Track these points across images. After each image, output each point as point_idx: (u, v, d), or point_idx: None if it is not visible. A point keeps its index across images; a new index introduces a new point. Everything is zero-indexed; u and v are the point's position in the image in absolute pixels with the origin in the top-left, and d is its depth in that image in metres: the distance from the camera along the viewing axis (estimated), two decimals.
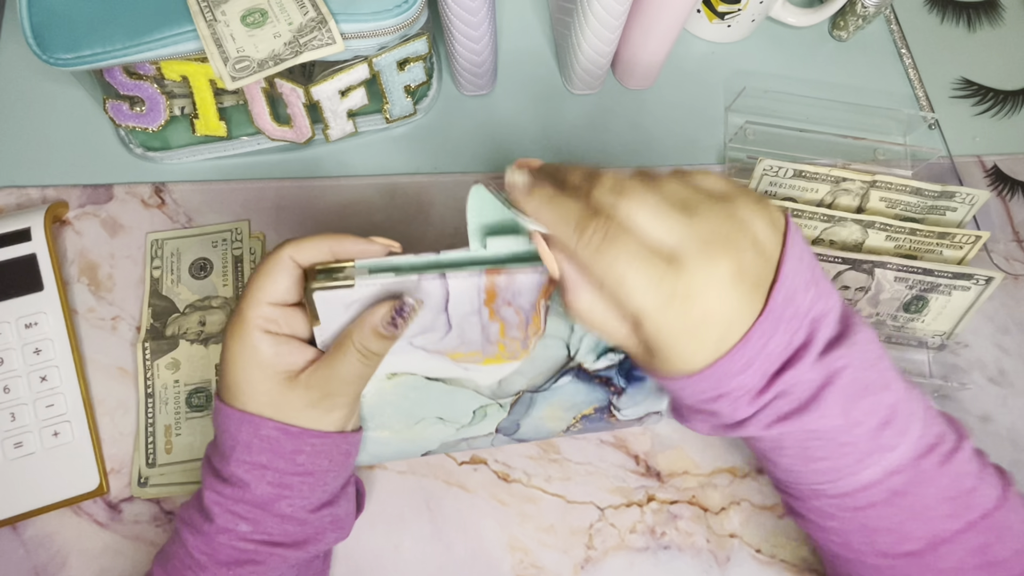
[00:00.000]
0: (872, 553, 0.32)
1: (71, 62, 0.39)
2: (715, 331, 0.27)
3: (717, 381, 0.28)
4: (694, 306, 0.26)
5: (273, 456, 0.31)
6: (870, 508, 0.31)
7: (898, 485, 0.31)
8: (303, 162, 0.49)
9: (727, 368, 0.28)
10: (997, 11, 0.60)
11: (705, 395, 0.29)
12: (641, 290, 0.26)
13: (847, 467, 0.31)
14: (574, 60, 0.49)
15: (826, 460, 0.31)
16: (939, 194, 0.46)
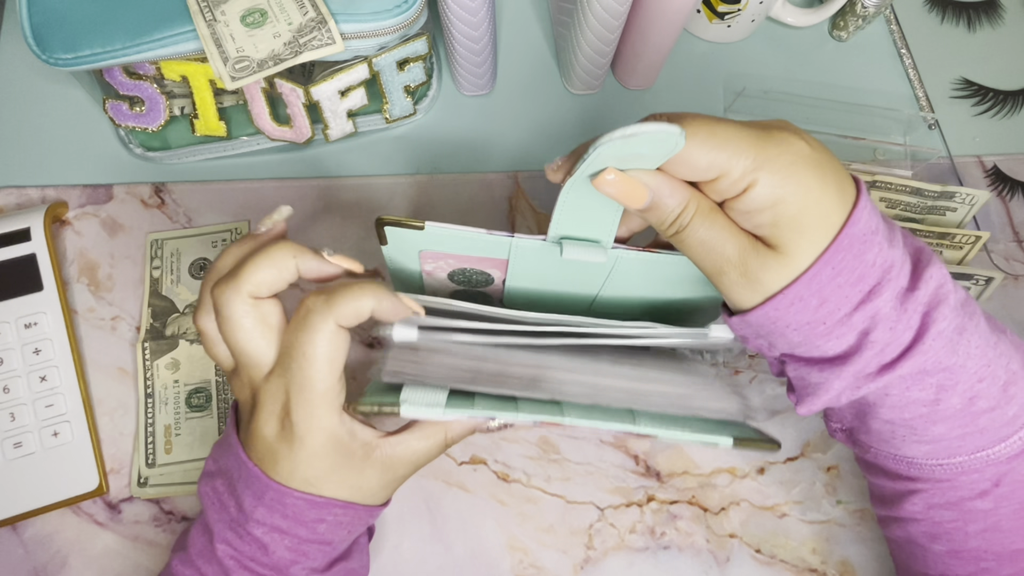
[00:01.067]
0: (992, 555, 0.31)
1: (71, 62, 0.39)
2: (836, 189, 0.27)
3: (864, 245, 0.27)
4: (807, 157, 0.27)
5: (294, 523, 0.30)
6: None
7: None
8: (303, 162, 0.49)
9: (862, 223, 0.27)
10: (997, 11, 0.60)
11: (862, 281, 0.27)
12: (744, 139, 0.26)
13: (999, 427, 0.29)
14: (574, 60, 0.49)
15: (990, 411, 0.29)
16: (939, 194, 0.46)
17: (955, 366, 0.29)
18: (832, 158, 0.28)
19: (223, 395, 0.43)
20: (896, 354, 0.28)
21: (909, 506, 0.33)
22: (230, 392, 0.43)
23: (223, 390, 0.43)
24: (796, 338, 0.29)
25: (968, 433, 0.30)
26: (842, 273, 0.27)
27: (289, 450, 0.29)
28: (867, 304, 0.27)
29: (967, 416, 0.29)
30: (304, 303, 0.29)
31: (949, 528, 0.32)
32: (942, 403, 0.29)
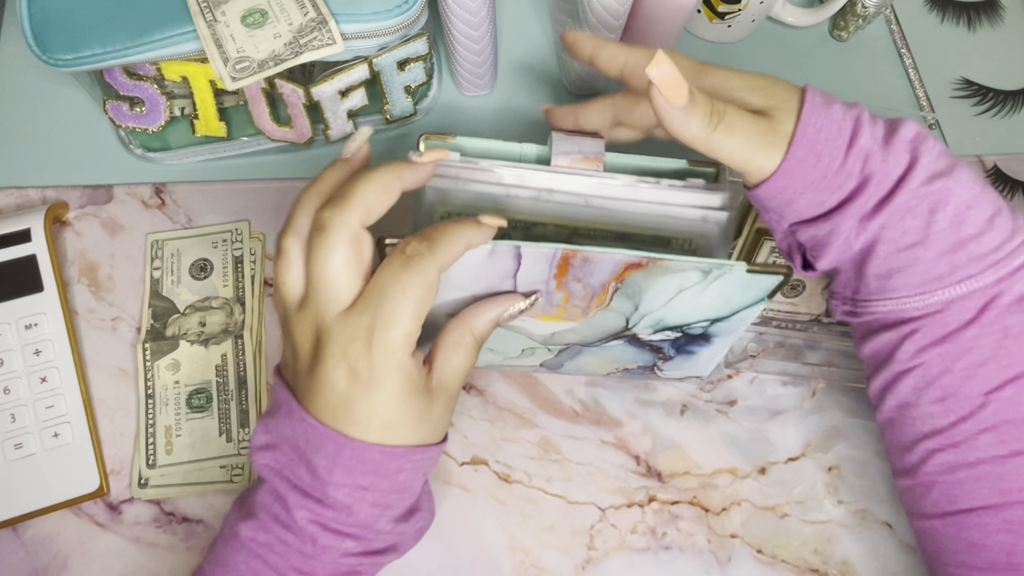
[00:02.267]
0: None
1: (71, 63, 0.39)
2: (785, 87, 0.33)
3: (816, 133, 0.31)
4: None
5: (376, 478, 0.30)
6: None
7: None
8: (303, 162, 0.49)
9: (814, 110, 0.32)
10: (997, 11, 0.60)
11: (840, 135, 0.31)
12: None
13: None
14: (574, 60, 0.49)
15: (977, 237, 0.32)
16: None
17: (945, 189, 0.31)
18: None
19: (223, 396, 0.43)
20: (891, 186, 0.32)
21: (900, 355, 0.34)
22: (231, 392, 0.43)
23: (223, 391, 0.43)
24: (803, 202, 0.33)
25: (957, 262, 0.32)
26: (821, 129, 0.31)
27: (366, 394, 0.28)
28: (853, 146, 0.31)
29: (955, 242, 0.32)
30: (405, 246, 0.29)
31: (936, 371, 0.33)
32: (932, 226, 0.31)
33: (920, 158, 0.32)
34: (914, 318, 0.34)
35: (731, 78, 0.34)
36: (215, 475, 0.42)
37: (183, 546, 0.41)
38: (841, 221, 0.33)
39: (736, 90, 0.33)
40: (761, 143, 0.31)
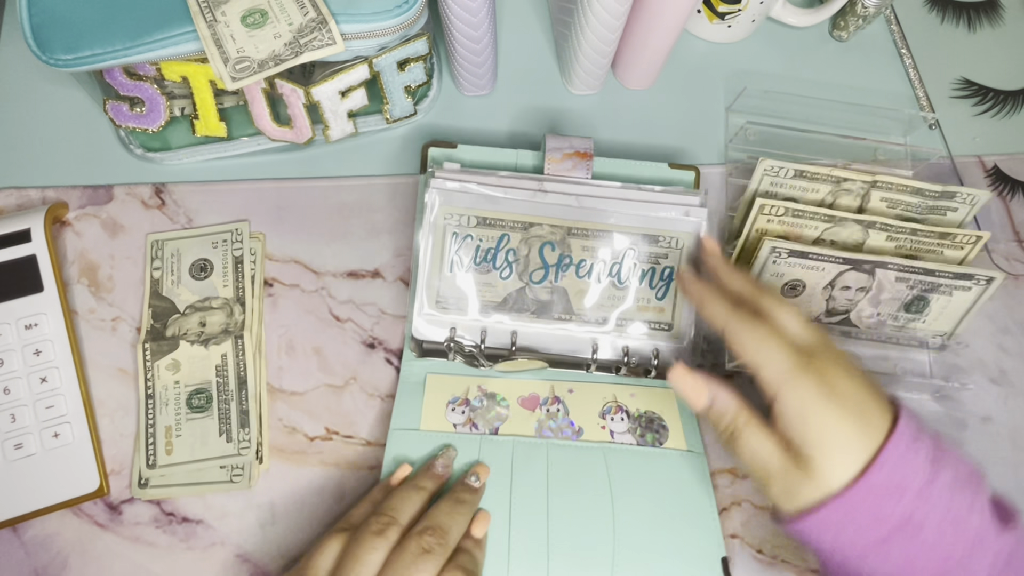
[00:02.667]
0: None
1: (71, 63, 0.39)
2: (860, 423, 0.29)
3: (883, 494, 0.29)
4: (837, 390, 0.30)
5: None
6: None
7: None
8: (303, 162, 0.49)
9: (884, 472, 0.29)
10: (997, 11, 0.60)
11: (879, 523, 0.29)
12: (777, 350, 0.31)
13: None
14: (574, 60, 0.49)
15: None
16: (940, 194, 0.46)
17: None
18: (862, 389, 0.30)
19: (223, 396, 0.43)
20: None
21: None
22: (231, 392, 0.43)
23: (223, 391, 0.43)
24: (833, 559, 0.31)
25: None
26: (862, 514, 0.29)
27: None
28: (885, 544, 0.29)
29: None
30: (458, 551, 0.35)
31: None
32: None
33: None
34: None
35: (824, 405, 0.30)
36: (215, 475, 0.42)
37: (183, 546, 0.41)
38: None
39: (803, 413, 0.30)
40: (780, 489, 0.31)
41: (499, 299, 0.42)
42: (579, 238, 0.42)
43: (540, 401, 0.43)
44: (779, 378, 0.31)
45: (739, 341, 0.33)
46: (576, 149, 0.43)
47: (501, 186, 0.41)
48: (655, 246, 0.43)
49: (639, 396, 0.43)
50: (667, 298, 0.43)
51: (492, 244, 0.42)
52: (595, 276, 0.43)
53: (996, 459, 0.46)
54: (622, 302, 0.43)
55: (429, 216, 0.42)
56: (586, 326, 0.43)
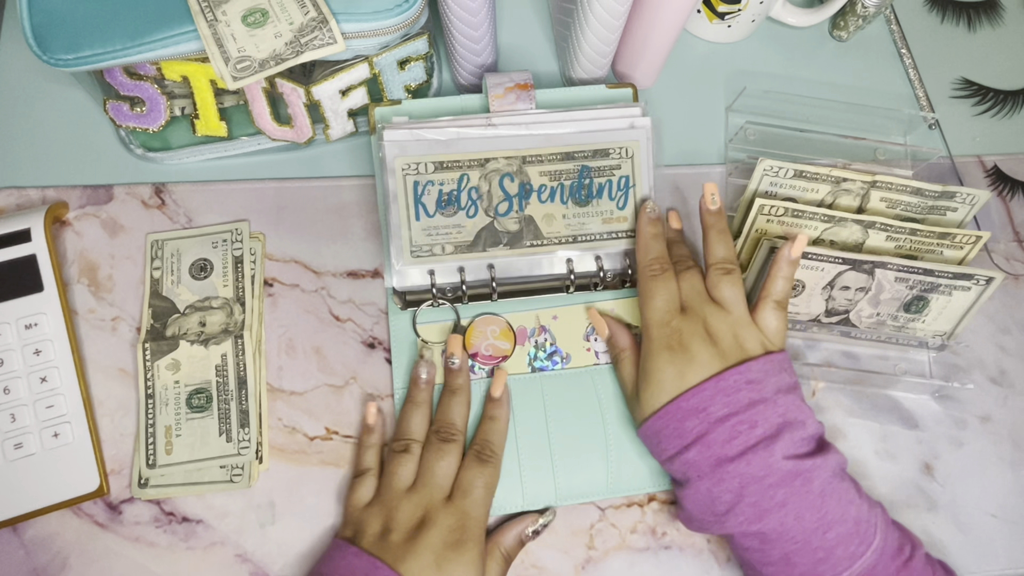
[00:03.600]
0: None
1: (71, 63, 0.39)
2: (684, 361, 0.38)
3: (683, 418, 0.37)
4: (676, 335, 0.39)
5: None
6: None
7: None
8: (303, 162, 0.49)
9: (691, 402, 0.37)
10: (997, 11, 0.60)
11: (679, 439, 0.38)
12: (656, 311, 0.40)
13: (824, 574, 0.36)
14: (574, 60, 0.49)
15: (803, 567, 0.36)
16: (939, 194, 0.46)
17: (773, 528, 0.36)
18: (703, 348, 0.39)
19: (223, 396, 0.43)
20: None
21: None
22: (231, 392, 0.43)
23: (223, 391, 0.43)
24: (657, 459, 0.41)
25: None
26: (668, 426, 0.38)
27: (457, 554, 0.37)
28: (682, 454, 0.38)
29: (786, 567, 0.37)
30: (480, 452, 0.40)
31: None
32: (765, 554, 0.37)
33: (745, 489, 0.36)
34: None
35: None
36: (215, 475, 0.42)
37: (183, 546, 0.41)
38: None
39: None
40: (633, 401, 0.42)
41: (471, 238, 0.44)
42: (535, 165, 0.44)
43: (528, 333, 0.45)
44: (646, 323, 0.41)
45: (642, 289, 0.42)
46: (516, 82, 0.45)
47: (451, 127, 0.43)
48: (607, 159, 0.45)
49: (619, 309, 0.46)
50: (628, 206, 0.45)
51: (454, 186, 0.44)
52: (557, 199, 0.44)
53: (996, 459, 0.46)
54: (587, 218, 0.45)
55: (389, 169, 0.43)
56: (557, 248, 0.44)
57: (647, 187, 0.45)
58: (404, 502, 0.38)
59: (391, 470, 0.40)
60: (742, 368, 0.37)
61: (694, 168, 0.52)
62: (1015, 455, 0.46)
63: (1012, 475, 0.46)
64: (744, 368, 0.38)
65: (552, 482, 0.42)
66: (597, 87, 0.48)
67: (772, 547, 0.36)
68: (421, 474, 0.39)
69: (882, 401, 0.47)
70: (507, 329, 0.45)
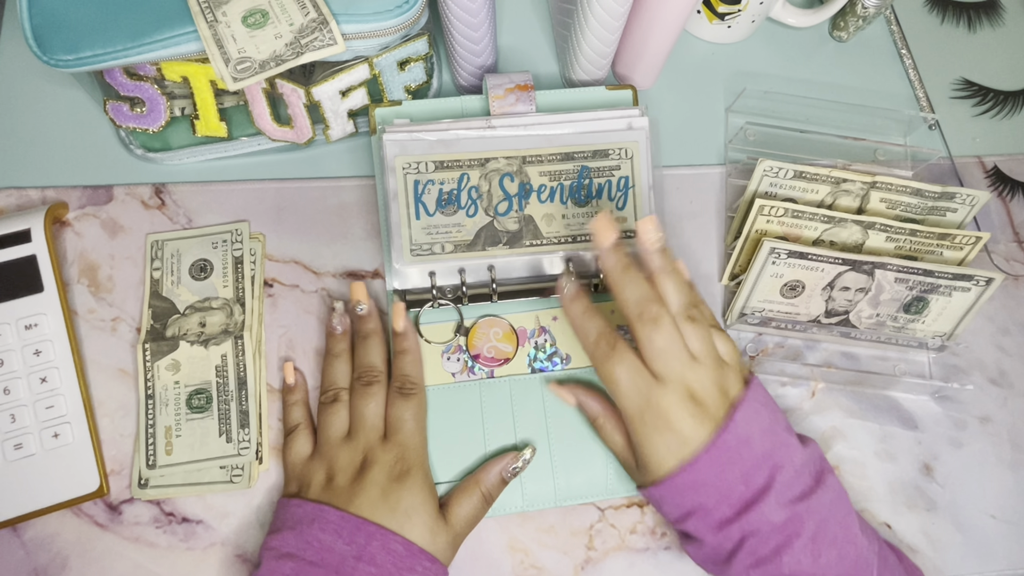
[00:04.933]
0: None
1: (72, 63, 0.39)
2: (674, 440, 0.35)
3: (680, 493, 0.36)
4: (660, 415, 0.35)
5: (394, 569, 0.36)
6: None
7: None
8: (303, 162, 0.49)
9: (686, 479, 0.35)
10: (997, 11, 0.60)
11: (679, 509, 0.37)
12: (628, 395, 0.36)
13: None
14: (574, 61, 0.49)
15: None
16: (939, 195, 0.46)
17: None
18: (685, 415, 0.36)
19: (223, 396, 0.43)
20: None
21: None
22: (231, 393, 0.43)
23: (223, 391, 0.43)
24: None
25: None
26: (665, 498, 0.37)
27: (399, 484, 0.38)
28: (682, 522, 0.37)
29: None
30: (401, 386, 0.41)
31: None
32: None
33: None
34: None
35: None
36: (215, 475, 0.42)
37: (183, 546, 0.41)
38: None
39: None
40: (626, 468, 0.41)
41: (470, 237, 0.44)
42: (534, 165, 0.44)
43: (528, 334, 0.45)
44: (625, 413, 0.37)
45: (604, 376, 0.37)
46: (516, 83, 0.45)
47: (451, 131, 0.44)
48: (607, 160, 0.45)
49: (618, 312, 0.45)
50: (627, 207, 0.45)
51: (454, 185, 0.44)
52: (557, 199, 0.45)
53: (996, 460, 0.46)
54: (586, 218, 0.45)
55: (389, 167, 0.43)
56: (557, 247, 0.44)
57: (646, 187, 0.45)
58: (343, 449, 0.39)
59: (325, 422, 0.41)
60: (731, 428, 0.35)
61: (694, 169, 0.52)
62: (1015, 456, 0.46)
63: (1012, 476, 0.46)
64: (732, 427, 0.35)
65: (552, 482, 0.42)
66: (597, 89, 0.48)
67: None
68: (353, 420, 0.40)
69: (882, 402, 0.47)
70: (510, 332, 0.45)
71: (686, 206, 0.51)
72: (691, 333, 0.36)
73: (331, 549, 0.35)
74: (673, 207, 0.50)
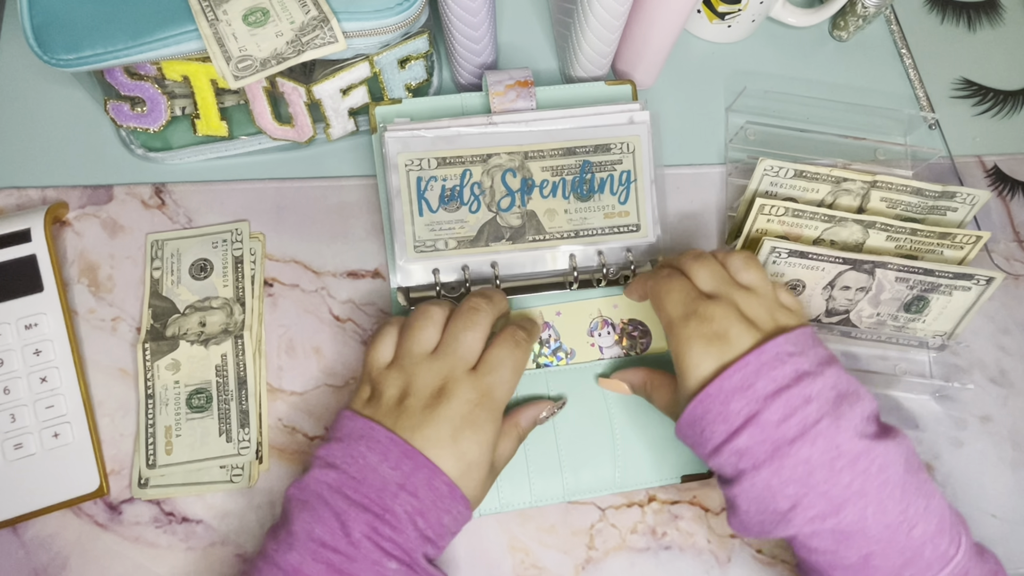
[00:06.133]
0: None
1: (72, 63, 0.39)
2: (717, 343, 0.34)
3: (727, 399, 0.33)
4: (705, 319, 0.34)
5: (433, 508, 0.34)
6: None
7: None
8: (304, 161, 0.49)
9: (732, 380, 0.33)
10: (997, 11, 0.60)
11: (727, 423, 0.33)
12: (675, 303, 0.36)
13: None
14: (574, 60, 0.49)
15: (886, 570, 0.32)
16: (940, 194, 0.46)
17: (847, 526, 0.32)
18: (735, 322, 0.34)
19: (223, 396, 0.43)
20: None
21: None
22: (231, 392, 0.43)
23: (223, 391, 0.43)
24: (702, 456, 0.35)
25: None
26: (710, 411, 0.34)
27: (473, 432, 0.35)
28: (731, 442, 0.33)
29: (864, 570, 0.32)
30: (515, 333, 0.39)
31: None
32: (840, 555, 0.32)
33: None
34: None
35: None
36: (215, 475, 0.42)
37: (183, 546, 0.41)
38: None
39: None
40: (677, 407, 0.37)
41: (473, 233, 0.44)
42: (536, 160, 0.45)
43: None
44: (668, 322, 0.36)
45: (653, 296, 0.38)
46: (516, 79, 0.45)
47: (452, 128, 0.44)
48: (608, 154, 0.45)
49: (622, 305, 0.46)
50: (629, 201, 0.45)
51: (456, 181, 0.44)
52: (559, 194, 0.45)
53: (996, 459, 0.46)
54: (589, 212, 0.45)
55: (391, 165, 0.43)
56: (560, 242, 0.45)
57: (648, 181, 0.45)
58: (424, 368, 0.36)
59: (410, 333, 0.37)
60: (779, 340, 0.33)
61: (694, 168, 0.52)
62: (1015, 455, 0.46)
63: (1012, 475, 0.46)
64: (782, 339, 0.33)
65: (560, 478, 0.42)
66: (596, 84, 0.48)
67: (849, 547, 0.32)
68: (445, 341, 0.37)
69: (882, 401, 0.47)
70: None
71: (686, 205, 0.51)
72: (748, 267, 0.37)
73: (375, 469, 0.33)
74: (674, 206, 0.50)
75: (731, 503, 0.35)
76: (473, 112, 0.46)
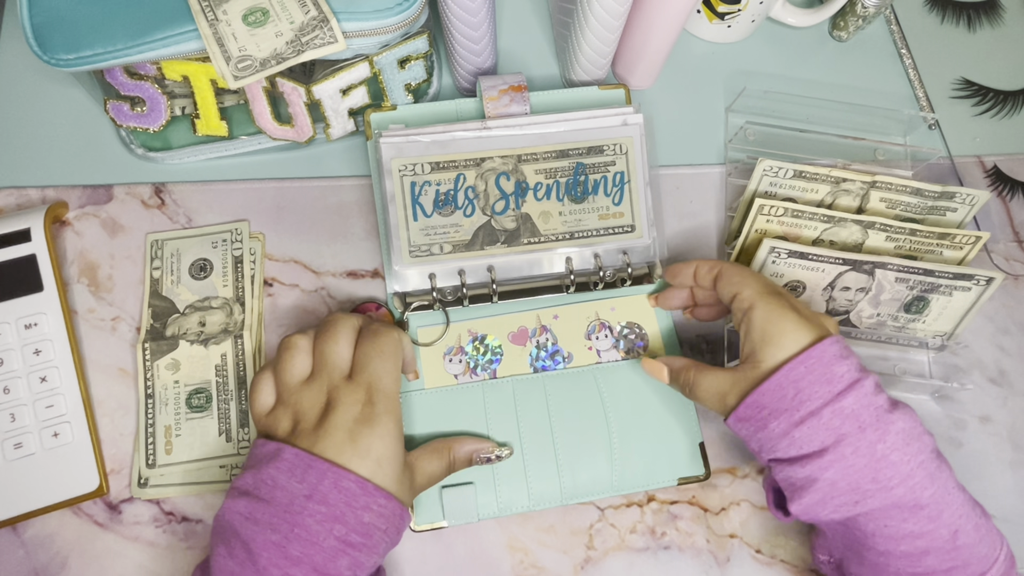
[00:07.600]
0: None
1: (72, 62, 0.39)
2: (799, 324, 0.35)
3: (830, 361, 0.34)
4: (790, 299, 0.37)
5: (347, 508, 0.33)
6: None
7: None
8: (304, 161, 0.49)
9: (834, 348, 0.34)
10: (997, 11, 0.60)
11: (829, 384, 0.34)
12: (761, 279, 0.38)
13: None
14: (574, 61, 0.49)
15: (969, 550, 0.34)
16: (939, 194, 0.46)
17: (938, 499, 0.33)
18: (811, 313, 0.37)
19: (223, 396, 0.43)
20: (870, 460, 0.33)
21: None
22: (230, 392, 0.43)
23: (223, 391, 0.43)
24: (778, 429, 0.35)
25: (955, 567, 0.34)
26: (814, 371, 0.34)
27: (370, 429, 0.35)
28: (835, 403, 0.34)
29: (953, 550, 0.34)
30: (370, 325, 0.39)
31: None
32: (932, 535, 0.33)
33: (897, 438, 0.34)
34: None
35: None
36: (215, 475, 0.42)
37: (183, 546, 0.41)
38: (820, 470, 0.34)
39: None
40: (736, 395, 0.37)
41: (468, 237, 0.44)
42: (530, 163, 0.45)
43: (529, 333, 0.45)
44: (755, 294, 0.37)
45: (727, 275, 0.39)
46: (510, 84, 0.46)
47: (447, 132, 0.44)
48: (602, 156, 0.45)
49: (619, 308, 0.46)
50: (624, 202, 0.45)
51: (450, 186, 0.44)
52: (553, 196, 0.45)
53: (996, 459, 0.46)
54: (584, 214, 0.45)
55: (386, 170, 0.43)
56: (555, 245, 0.45)
57: (642, 182, 0.45)
58: (305, 393, 0.36)
59: (282, 368, 0.37)
60: (835, 338, 0.36)
61: (694, 168, 0.52)
62: (1014, 456, 0.46)
63: (1012, 476, 0.46)
64: (836, 338, 0.36)
65: (557, 481, 0.42)
66: (590, 89, 0.48)
67: (938, 523, 0.33)
68: (315, 361, 0.37)
69: None
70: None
71: (686, 206, 0.51)
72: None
73: (284, 488, 0.34)
74: (673, 206, 0.50)
75: (806, 481, 0.35)
76: (468, 117, 0.46)
